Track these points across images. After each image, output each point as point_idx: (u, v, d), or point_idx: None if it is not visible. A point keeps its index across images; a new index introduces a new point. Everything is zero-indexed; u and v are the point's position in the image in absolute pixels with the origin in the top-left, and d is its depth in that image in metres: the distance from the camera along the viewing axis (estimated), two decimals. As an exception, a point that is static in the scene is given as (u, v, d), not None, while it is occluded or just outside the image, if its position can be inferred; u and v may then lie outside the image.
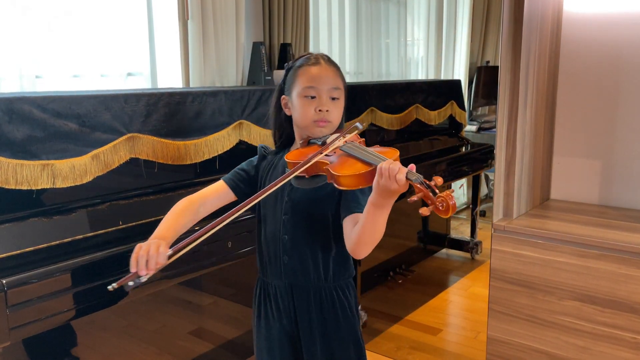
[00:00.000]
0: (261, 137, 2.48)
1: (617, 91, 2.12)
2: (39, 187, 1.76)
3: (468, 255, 4.20)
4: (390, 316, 3.16)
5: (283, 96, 1.48)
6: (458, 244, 4.28)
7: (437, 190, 1.12)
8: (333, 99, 1.42)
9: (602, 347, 1.82)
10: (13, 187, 1.70)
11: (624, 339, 1.78)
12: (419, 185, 1.13)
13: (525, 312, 1.95)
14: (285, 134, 1.53)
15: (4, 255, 1.61)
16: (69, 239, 1.76)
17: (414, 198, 1.13)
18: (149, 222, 1.98)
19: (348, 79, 4.23)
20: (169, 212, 1.43)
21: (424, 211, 1.11)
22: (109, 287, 1.20)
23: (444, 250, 4.34)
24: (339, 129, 1.46)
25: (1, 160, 1.67)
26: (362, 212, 1.31)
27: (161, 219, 1.99)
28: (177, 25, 2.81)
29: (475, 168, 3.98)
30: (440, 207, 1.10)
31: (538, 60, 2.05)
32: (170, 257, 1.24)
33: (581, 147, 2.22)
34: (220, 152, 2.32)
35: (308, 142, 1.44)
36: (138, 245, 1.25)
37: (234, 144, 2.38)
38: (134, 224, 1.94)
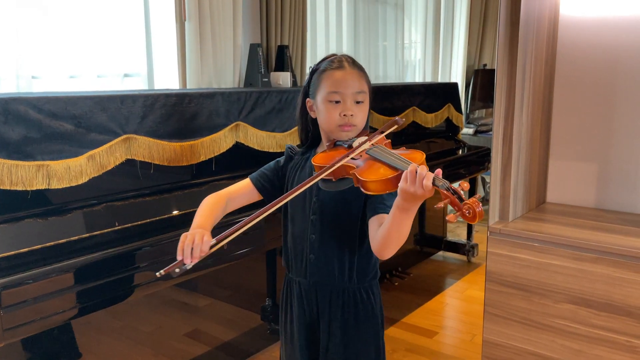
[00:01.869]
0: (258, 139, 2.48)
1: (613, 94, 2.12)
2: (34, 188, 1.75)
3: (464, 258, 4.20)
4: (386, 318, 3.14)
5: (308, 99, 1.49)
6: (454, 247, 4.28)
7: (464, 197, 1.11)
8: (357, 102, 1.42)
9: (597, 350, 1.82)
10: (8, 188, 1.70)
11: (619, 342, 1.78)
12: (445, 192, 1.12)
13: (520, 315, 1.95)
14: (311, 135, 1.54)
15: (-2, 256, 1.61)
16: (64, 240, 1.76)
17: (441, 205, 1.13)
18: (145, 223, 1.98)
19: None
20: (200, 206, 1.45)
21: (451, 218, 1.11)
22: (157, 274, 1.24)
23: (441, 253, 4.35)
24: (364, 130, 1.46)
25: (-4, 161, 1.67)
26: (387, 212, 1.32)
27: (157, 220, 2.01)
28: (174, 27, 2.81)
29: (471, 171, 3.99)
30: (467, 214, 1.10)
31: (534, 64, 2.05)
32: (213, 246, 1.28)
33: (577, 150, 2.22)
34: (216, 154, 2.32)
35: (334, 144, 1.44)
36: (184, 235, 1.28)
37: (231, 146, 2.38)
38: (129, 225, 1.93)
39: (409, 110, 3.61)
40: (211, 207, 1.45)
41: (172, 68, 2.89)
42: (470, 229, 4.23)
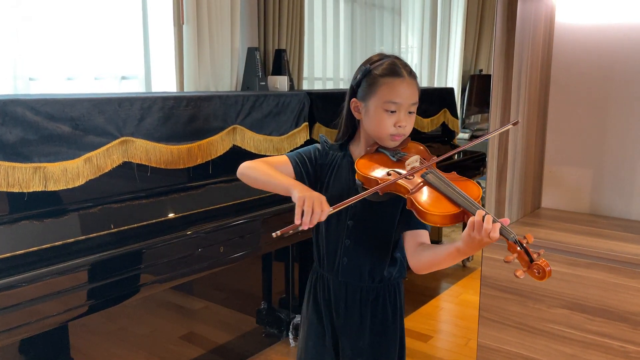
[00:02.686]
0: (255, 142, 2.49)
1: (607, 100, 2.14)
2: (31, 190, 1.75)
3: (459, 262, 4.21)
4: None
5: (354, 99, 1.45)
6: (450, 251, 4.28)
7: (532, 254, 1.09)
8: (409, 112, 1.41)
9: (591, 355, 1.83)
10: (5, 190, 1.70)
11: (612, 348, 1.79)
12: (513, 244, 1.11)
13: (515, 320, 1.95)
14: (351, 133, 1.51)
15: (-6, 257, 1.60)
16: (61, 242, 1.76)
17: (510, 258, 1.12)
18: (141, 226, 1.98)
19: (342, 86, 4.25)
20: (266, 169, 1.41)
21: (519, 274, 1.10)
22: (273, 234, 1.21)
23: (436, 257, 4.34)
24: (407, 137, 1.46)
25: (-7, 163, 1.67)
26: (424, 228, 1.37)
27: (153, 223, 2.01)
28: (172, 29, 2.81)
29: (467, 176, 3.97)
30: (537, 274, 1.08)
31: (530, 69, 2.06)
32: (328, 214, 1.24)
33: (572, 155, 2.23)
34: (213, 157, 2.32)
35: (376, 150, 1.43)
36: (301, 198, 1.23)
37: (228, 149, 2.38)
38: (126, 227, 1.93)
39: (405, 115, 3.62)
40: (272, 167, 1.42)
41: (170, 71, 2.89)
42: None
